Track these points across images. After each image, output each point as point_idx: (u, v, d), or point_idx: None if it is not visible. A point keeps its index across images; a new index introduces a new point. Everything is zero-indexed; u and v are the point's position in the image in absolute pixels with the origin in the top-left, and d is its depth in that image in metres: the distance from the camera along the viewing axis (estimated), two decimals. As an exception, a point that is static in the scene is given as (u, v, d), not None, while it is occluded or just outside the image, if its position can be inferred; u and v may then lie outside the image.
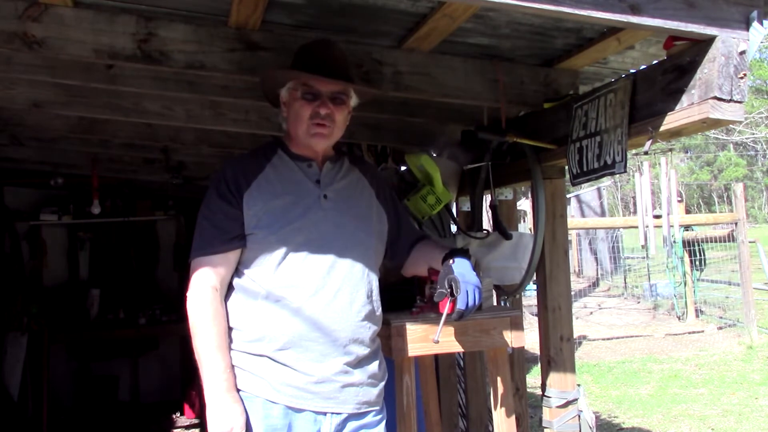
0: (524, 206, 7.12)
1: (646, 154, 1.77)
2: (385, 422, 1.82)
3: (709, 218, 10.05)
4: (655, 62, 1.84)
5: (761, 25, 1.43)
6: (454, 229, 2.89)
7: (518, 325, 1.99)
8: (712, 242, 9.51)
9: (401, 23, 1.96)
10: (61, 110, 2.92)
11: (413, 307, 2.02)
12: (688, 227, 9.08)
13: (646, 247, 7.18)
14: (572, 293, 2.43)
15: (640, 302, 11.21)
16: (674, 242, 9.12)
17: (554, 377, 2.25)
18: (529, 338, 2.26)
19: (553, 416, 2.23)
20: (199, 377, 1.66)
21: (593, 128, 1.87)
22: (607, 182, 20.11)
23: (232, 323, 1.70)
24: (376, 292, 1.79)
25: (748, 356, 7.18)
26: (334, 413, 1.69)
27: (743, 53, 1.42)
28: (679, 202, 7.69)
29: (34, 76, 2.37)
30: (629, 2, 1.37)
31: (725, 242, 9.22)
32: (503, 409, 2.01)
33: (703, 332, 8.47)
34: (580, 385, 2.29)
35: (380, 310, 1.81)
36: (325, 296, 1.68)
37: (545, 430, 2.26)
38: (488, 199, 2.56)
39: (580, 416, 2.24)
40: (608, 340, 8.31)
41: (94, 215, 4.74)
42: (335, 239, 1.72)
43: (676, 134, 1.67)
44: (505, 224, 2.48)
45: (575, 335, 2.90)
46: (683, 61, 1.54)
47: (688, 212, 16.40)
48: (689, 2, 1.40)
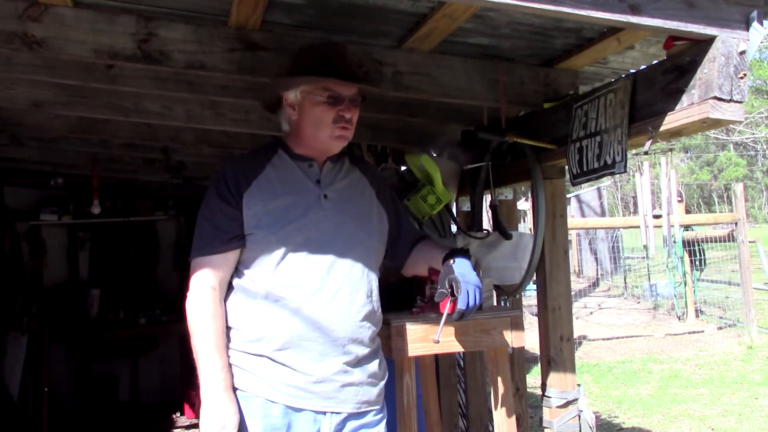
0: (524, 206, 7.13)
1: (646, 154, 1.77)
2: (385, 422, 1.82)
3: (709, 218, 10.04)
4: (655, 62, 1.84)
5: (761, 25, 1.43)
6: (454, 229, 2.89)
7: (518, 325, 1.99)
8: (712, 242, 9.50)
9: (401, 23, 1.96)
10: (61, 110, 2.92)
11: (413, 307, 2.02)
12: (688, 227, 9.08)
13: (646, 247, 7.18)
14: (572, 293, 2.43)
15: (640, 302, 11.21)
16: (674, 242, 9.11)
17: (554, 377, 2.26)
18: (529, 338, 2.26)
19: (553, 416, 2.23)
20: (198, 377, 1.66)
21: (593, 128, 1.87)
22: (607, 182, 20.11)
23: (231, 323, 1.70)
24: (376, 292, 1.79)
25: (748, 356, 7.18)
26: (333, 413, 1.69)
27: (743, 53, 1.42)
28: (679, 202, 7.69)
29: (34, 76, 2.37)
30: (629, 2, 1.37)
31: (725, 242, 9.22)
32: (503, 409, 2.01)
33: (703, 332, 8.47)
34: (580, 385, 2.29)
35: (380, 310, 1.81)
36: (324, 296, 1.68)
37: (545, 430, 2.26)
38: (488, 199, 2.56)
39: (580, 416, 2.24)
40: (608, 340, 8.31)
41: (94, 215, 4.75)
42: (335, 239, 1.72)
43: (676, 134, 1.67)
44: (505, 224, 2.48)
45: (575, 335, 2.89)
46: (683, 61, 1.54)
47: (688, 212, 16.39)
48: (689, 2, 1.40)
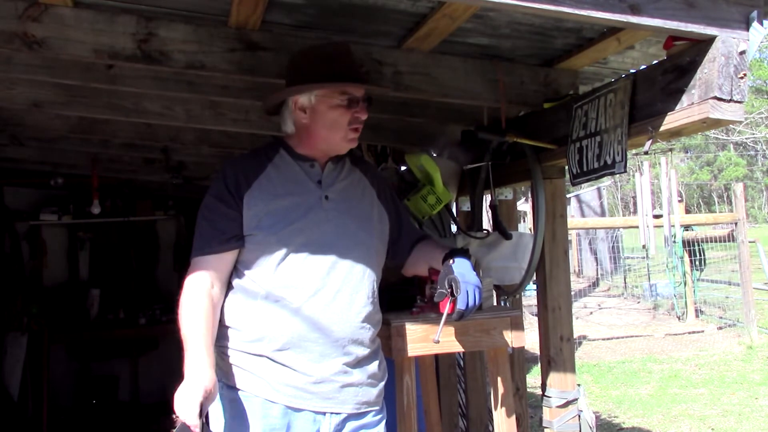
0: (524, 207, 7.13)
1: (646, 154, 1.77)
2: (384, 422, 1.82)
3: (709, 218, 10.05)
4: (655, 62, 1.83)
5: (761, 25, 1.42)
6: (454, 229, 2.89)
7: (518, 325, 1.99)
8: (712, 242, 9.50)
9: (401, 23, 1.96)
10: (61, 110, 2.92)
11: (413, 307, 2.02)
12: (688, 227, 9.08)
13: (646, 247, 7.18)
14: (572, 293, 2.43)
15: (640, 302, 11.20)
16: (674, 242, 9.11)
17: (554, 377, 2.25)
18: (529, 338, 2.25)
19: (553, 416, 2.23)
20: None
21: (593, 128, 1.87)
22: (607, 182, 20.11)
23: (231, 323, 1.70)
24: (376, 293, 1.79)
25: (748, 356, 7.18)
26: (333, 413, 1.69)
27: (743, 53, 1.42)
28: (679, 202, 7.70)
29: (34, 76, 2.37)
30: (629, 2, 1.37)
31: (725, 242, 9.22)
32: (503, 409, 2.01)
33: (703, 332, 8.47)
34: (580, 385, 2.29)
35: (380, 311, 1.81)
36: (324, 297, 1.68)
37: (545, 430, 2.26)
38: (488, 199, 2.56)
39: (580, 416, 2.24)
40: (608, 340, 8.31)
41: (94, 215, 4.74)
42: (336, 240, 1.71)
43: (676, 134, 1.67)
44: (505, 224, 2.48)
45: (575, 335, 2.89)
46: (683, 61, 1.54)
47: (688, 212, 16.39)
48: (689, 2, 1.40)
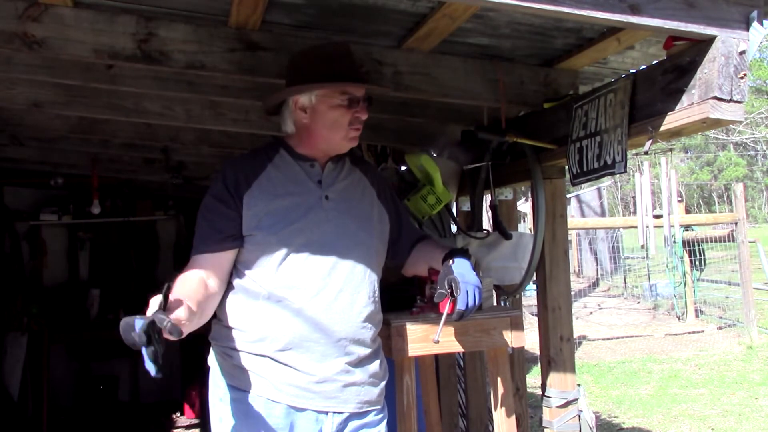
0: (524, 208, 7.13)
1: (646, 154, 1.77)
2: (386, 421, 1.82)
3: (709, 218, 10.05)
4: (655, 62, 1.83)
5: (761, 25, 1.42)
6: (454, 229, 2.89)
7: (518, 325, 1.99)
8: (712, 242, 9.50)
9: (401, 23, 1.96)
10: (61, 110, 2.92)
11: (413, 307, 2.02)
12: (688, 227, 9.08)
13: (646, 247, 7.18)
14: (572, 293, 2.43)
15: (640, 302, 11.20)
16: (674, 242, 9.11)
17: (554, 377, 2.25)
18: (529, 338, 2.25)
19: (553, 416, 2.23)
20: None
21: (593, 128, 1.87)
22: (607, 182, 20.12)
23: (233, 323, 1.71)
24: (377, 293, 1.79)
25: (748, 356, 7.18)
26: (335, 412, 1.70)
27: (743, 53, 1.42)
28: (679, 202, 7.70)
29: (34, 76, 2.36)
30: (629, 2, 1.37)
31: (725, 242, 9.21)
32: (503, 409, 2.01)
33: (703, 332, 8.47)
34: (580, 385, 2.29)
35: (381, 310, 1.82)
36: (326, 297, 1.68)
37: (545, 430, 2.26)
38: (488, 199, 2.56)
39: (580, 416, 2.24)
40: (608, 340, 8.31)
41: (94, 215, 4.74)
42: (337, 240, 1.71)
43: (676, 134, 1.67)
44: (505, 224, 2.48)
45: (575, 335, 2.89)
46: (683, 61, 1.54)
47: (688, 212, 16.39)
48: (689, 2, 1.40)
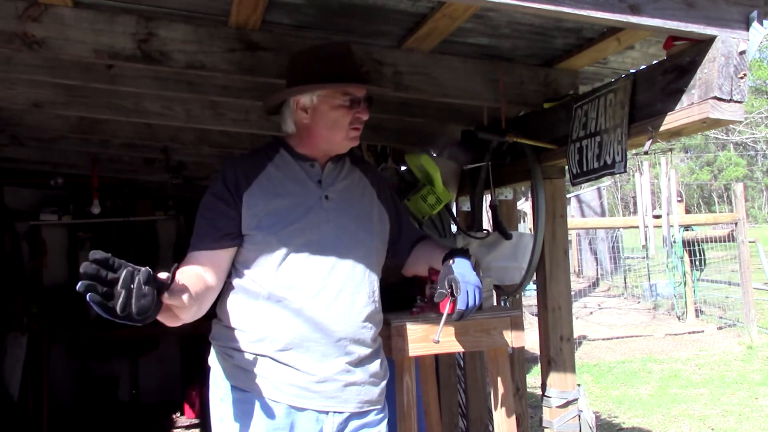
0: (524, 207, 7.13)
1: (646, 154, 1.77)
2: (386, 421, 1.82)
3: (709, 218, 10.04)
4: (655, 62, 1.83)
5: (761, 25, 1.42)
6: (454, 229, 2.89)
7: (518, 325, 1.99)
8: (712, 242, 9.50)
9: (401, 23, 1.96)
10: (61, 110, 2.92)
11: (413, 307, 2.02)
12: (688, 227, 9.07)
13: (646, 247, 7.18)
14: (572, 293, 2.43)
15: (640, 302, 11.20)
16: (674, 242, 9.11)
17: (554, 377, 2.26)
18: (529, 338, 2.26)
19: (553, 416, 2.23)
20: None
21: (593, 128, 1.87)
22: (607, 182, 20.11)
23: (233, 323, 1.71)
24: (377, 292, 1.79)
25: (748, 356, 7.18)
26: (336, 412, 1.70)
27: (743, 53, 1.42)
28: (679, 202, 7.69)
29: (34, 76, 2.36)
30: (629, 2, 1.37)
31: (725, 242, 9.21)
32: (503, 409, 2.01)
33: (703, 332, 8.47)
34: (580, 385, 2.29)
35: (381, 310, 1.82)
36: (326, 297, 1.68)
37: (545, 430, 2.26)
38: (488, 199, 2.56)
39: (580, 416, 2.24)
40: (608, 340, 8.30)
41: (94, 215, 4.74)
42: (337, 240, 1.72)
43: (676, 134, 1.67)
44: (505, 224, 2.48)
45: (575, 335, 2.89)
46: (683, 61, 1.54)
47: (688, 212, 16.40)
48: (689, 2, 1.40)
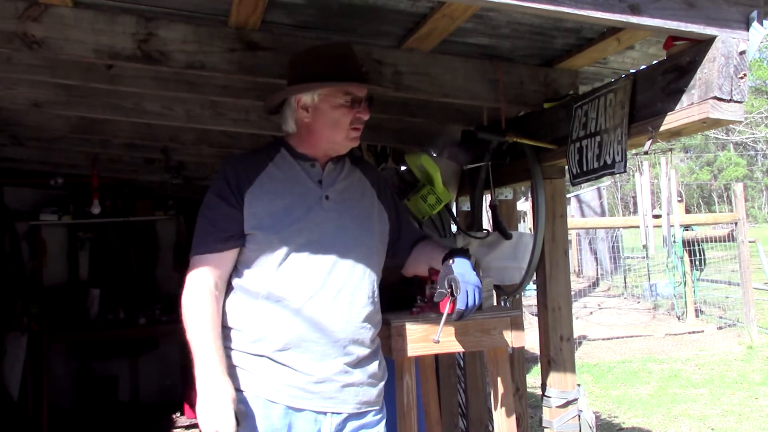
0: (524, 207, 7.13)
1: (646, 154, 1.77)
2: (384, 422, 1.82)
3: (709, 218, 10.05)
4: (655, 62, 1.83)
5: (761, 25, 1.42)
6: (454, 229, 2.89)
7: (518, 325, 1.99)
8: (712, 242, 9.50)
9: (401, 23, 1.96)
10: (61, 110, 2.92)
11: (413, 307, 2.02)
12: (688, 227, 9.07)
13: (646, 247, 7.18)
14: (572, 293, 2.43)
15: (640, 302, 11.19)
16: (674, 242, 9.11)
17: (554, 377, 2.25)
18: (529, 338, 2.25)
19: (553, 416, 2.23)
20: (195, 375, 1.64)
21: (593, 128, 1.87)
22: (607, 182, 20.10)
23: (232, 323, 1.70)
24: (377, 293, 1.79)
25: (748, 356, 7.18)
26: (334, 413, 1.70)
27: (743, 53, 1.42)
28: (679, 201, 7.70)
29: (34, 76, 2.36)
30: (629, 2, 1.37)
31: (725, 242, 9.21)
32: (503, 409, 2.01)
33: (703, 332, 8.46)
34: (580, 385, 2.29)
35: (380, 311, 1.82)
36: (325, 297, 1.68)
37: (545, 430, 2.26)
38: (488, 199, 2.56)
39: (580, 416, 2.24)
40: (608, 340, 8.30)
41: (94, 215, 4.75)
42: (336, 240, 1.72)
43: (676, 134, 1.67)
44: (505, 224, 2.48)
45: (575, 335, 2.89)
46: (683, 61, 1.54)
47: (688, 212, 16.38)
48: (689, 2, 1.40)
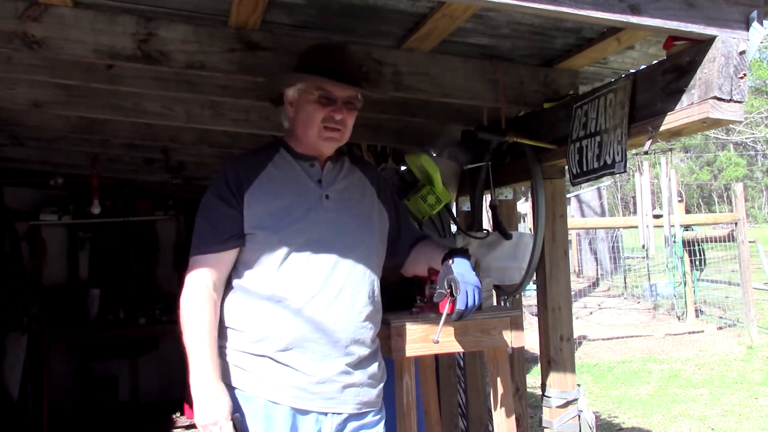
0: (523, 209, 7.12)
1: (646, 153, 1.77)
2: (383, 422, 1.82)
3: (709, 218, 10.05)
4: (655, 62, 1.83)
5: (761, 25, 1.42)
6: (454, 229, 2.89)
7: (518, 325, 1.99)
8: (712, 242, 9.50)
9: (401, 23, 1.96)
10: (61, 110, 2.92)
11: (413, 307, 2.02)
12: (688, 227, 9.08)
13: (646, 247, 7.18)
14: (572, 293, 2.43)
15: (640, 302, 11.19)
16: (674, 242, 9.11)
17: (554, 377, 2.26)
18: (529, 338, 2.25)
19: (553, 416, 2.23)
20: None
21: (593, 128, 1.87)
22: (607, 182, 20.10)
23: (232, 324, 1.70)
24: (377, 292, 1.79)
25: (748, 356, 7.18)
26: (334, 413, 1.70)
27: (743, 53, 1.42)
28: (679, 202, 7.70)
29: (34, 76, 2.36)
30: (629, 2, 1.37)
31: (725, 242, 9.22)
32: (503, 409, 2.01)
33: (703, 332, 8.47)
34: (580, 385, 2.29)
35: (381, 310, 1.82)
36: (326, 297, 1.68)
37: (545, 430, 2.26)
38: (488, 199, 2.56)
39: (580, 416, 2.24)
40: (608, 340, 8.30)
41: (94, 215, 4.75)
42: (337, 240, 1.71)
43: (676, 134, 1.67)
44: (505, 224, 2.48)
45: (575, 335, 2.89)
46: (683, 61, 1.54)
47: (688, 212, 16.38)
48: (689, 2, 1.40)
